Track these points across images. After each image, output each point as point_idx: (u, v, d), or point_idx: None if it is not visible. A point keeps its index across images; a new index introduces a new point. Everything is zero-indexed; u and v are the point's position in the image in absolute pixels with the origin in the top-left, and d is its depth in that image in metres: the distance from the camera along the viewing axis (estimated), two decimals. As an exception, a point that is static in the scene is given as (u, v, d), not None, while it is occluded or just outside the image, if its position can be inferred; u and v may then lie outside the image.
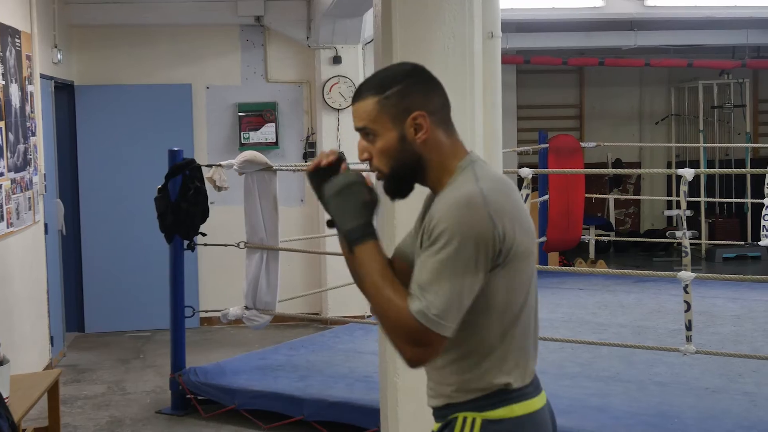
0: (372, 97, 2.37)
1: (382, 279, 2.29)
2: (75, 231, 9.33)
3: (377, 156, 2.39)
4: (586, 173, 10.76)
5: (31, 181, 7.24)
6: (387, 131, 2.36)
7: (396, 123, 2.35)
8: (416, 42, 4.67)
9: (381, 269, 2.30)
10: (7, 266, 6.55)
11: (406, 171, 2.39)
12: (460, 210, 2.25)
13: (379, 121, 2.36)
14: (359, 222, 2.34)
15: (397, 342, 2.26)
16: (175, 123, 9.42)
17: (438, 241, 2.23)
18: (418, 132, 2.36)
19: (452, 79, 4.73)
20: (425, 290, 2.23)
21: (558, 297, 9.35)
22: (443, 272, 2.22)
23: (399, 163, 2.38)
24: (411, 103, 2.36)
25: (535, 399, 2.43)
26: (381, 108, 2.35)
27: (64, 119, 9.21)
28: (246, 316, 6.96)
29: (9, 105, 6.65)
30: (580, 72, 14.25)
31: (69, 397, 7.07)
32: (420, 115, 2.35)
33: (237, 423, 6.40)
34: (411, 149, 2.36)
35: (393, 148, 2.36)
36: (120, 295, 9.37)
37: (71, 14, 9.16)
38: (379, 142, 2.37)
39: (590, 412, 5.71)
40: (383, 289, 2.28)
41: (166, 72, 9.52)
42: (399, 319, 2.24)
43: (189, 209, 6.72)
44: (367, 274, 2.31)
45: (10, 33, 6.76)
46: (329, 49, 9.36)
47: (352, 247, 2.34)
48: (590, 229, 12.03)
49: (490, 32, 5.01)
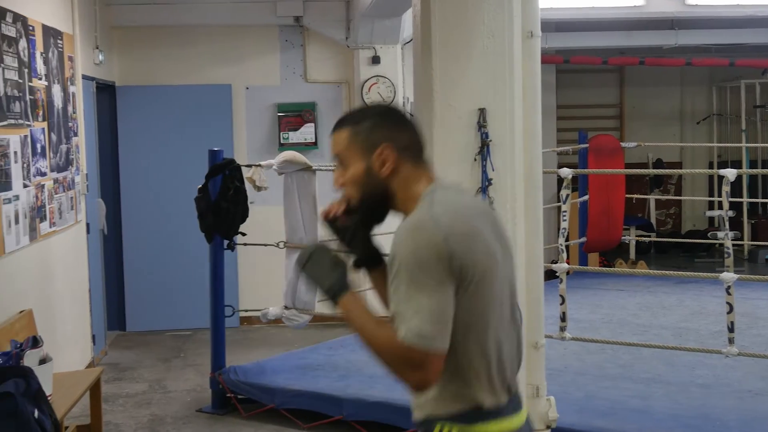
0: (346, 128, 2.54)
1: (366, 321, 2.41)
2: (116, 230, 9.40)
3: (348, 184, 2.54)
4: (627, 173, 10.66)
5: (74, 180, 7.31)
6: (356, 161, 2.51)
7: (364, 154, 2.50)
8: (455, 42, 4.66)
9: (363, 313, 2.43)
10: (50, 265, 6.61)
11: (374, 199, 2.53)
12: (408, 236, 2.36)
13: (350, 151, 2.52)
14: (332, 280, 2.49)
15: (399, 372, 2.37)
16: (215, 123, 9.46)
17: (397, 270, 2.34)
18: (383, 165, 2.48)
19: (491, 79, 4.73)
20: (403, 316, 2.32)
21: (598, 298, 9.30)
22: (411, 296, 2.31)
23: (366, 191, 2.52)
24: (378, 138, 2.49)
25: (512, 418, 2.50)
26: (353, 139, 2.52)
27: (106, 120, 9.28)
28: (285, 315, 6.99)
29: (51, 105, 6.71)
30: (620, 71, 14.14)
31: (110, 395, 7.13)
32: (386, 147, 2.48)
33: (277, 422, 6.42)
34: (377, 180, 2.50)
35: (360, 177, 2.51)
36: (161, 294, 9.44)
37: (112, 15, 9.23)
38: (349, 171, 2.53)
39: (631, 414, 5.67)
40: (374, 331, 2.38)
41: (206, 72, 9.57)
42: (391, 348, 2.34)
43: (229, 209, 6.75)
44: (357, 322, 2.43)
45: (52, 34, 6.82)
46: (368, 49, 9.36)
47: (334, 302, 2.48)
48: (631, 230, 11.95)
49: (529, 32, 4.98)
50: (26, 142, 6.03)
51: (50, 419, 4.72)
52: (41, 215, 6.32)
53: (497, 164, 4.68)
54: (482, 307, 2.40)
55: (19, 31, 5.97)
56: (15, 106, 5.83)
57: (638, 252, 12.35)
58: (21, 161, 5.90)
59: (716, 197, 12.66)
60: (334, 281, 2.48)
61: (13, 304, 5.68)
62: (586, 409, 5.73)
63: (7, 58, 5.69)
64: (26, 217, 5.97)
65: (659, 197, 13.60)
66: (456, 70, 4.67)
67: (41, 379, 4.83)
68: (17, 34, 5.94)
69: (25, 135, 6.02)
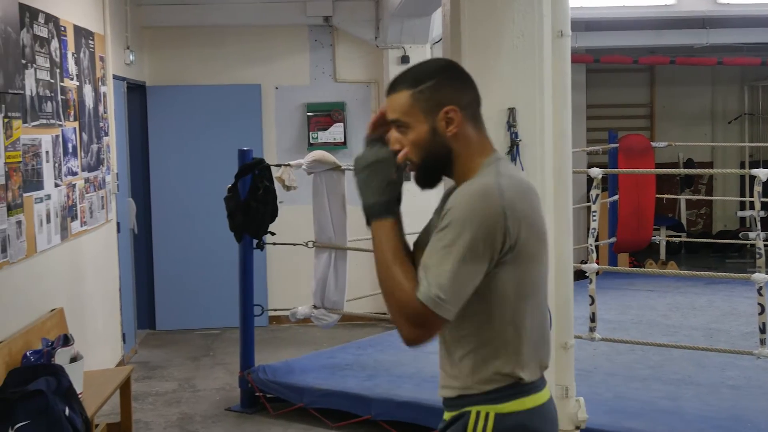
0: (406, 90, 2.44)
1: (393, 257, 2.37)
2: (146, 230, 9.46)
3: (409, 147, 2.45)
4: (657, 173, 10.60)
5: (104, 180, 7.35)
6: (419, 123, 2.43)
7: (428, 116, 2.42)
8: (485, 41, 4.65)
9: (394, 248, 2.39)
10: (81, 264, 6.65)
11: (436, 162, 2.46)
12: (473, 199, 2.32)
13: (412, 113, 2.43)
14: (381, 198, 2.42)
15: (399, 321, 2.34)
16: (245, 123, 9.50)
17: (448, 226, 2.30)
18: (449, 125, 2.42)
19: (521, 78, 4.71)
20: (430, 271, 2.30)
21: (628, 298, 9.26)
22: (448, 256, 2.29)
23: (429, 154, 2.44)
24: (443, 98, 2.42)
25: (542, 392, 2.49)
26: (414, 101, 2.43)
27: (136, 119, 9.34)
28: (314, 315, 7.00)
29: (83, 105, 6.76)
30: (650, 71, 14.07)
31: (140, 394, 7.17)
32: (452, 109, 2.42)
33: (305, 421, 6.43)
34: (441, 142, 2.43)
35: (424, 140, 2.43)
36: (190, 293, 9.48)
37: (143, 16, 9.29)
38: (411, 134, 2.44)
39: (661, 416, 5.64)
40: (393, 267, 2.36)
41: (236, 72, 9.61)
42: (403, 299, 2.31)
43: (258, 208, 6.77)
44: (380, 251, 2.40)
45: (84, 35, 6.87)
46: (397, 48, 9.36)
47: (369, 221, 2.43)
48: (661, 230, 11.88)
49: (559, 31, 4.96)
50: (58, 142, 6.08)
51: (81, 417, 4.76)
52: (72, 214, 6.36)
53: (527, 164, 4.67)
54: (525, 286, 2.40)
55: (51, 32, 6.01)
56: (47, 106, 5.87)
57: (668, 252, 12.27)
58: (53, 161, 5.94)
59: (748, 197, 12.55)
60: (378, 201, 2.42)
61: (44, 303, 5.73)
62: (615, 410, 5.70)
63: (39, 58, 5.73)
64: (57, 217, 6.01)
65: (690, 197, 13.51)
66: (486, 69, 4.66)
67: (72, 377, 4.87)
68: (49, 35, 5.98)
69: (56, 135, 6.06)
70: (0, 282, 4.93)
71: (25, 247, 5.32)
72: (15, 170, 5.19)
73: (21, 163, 5.31)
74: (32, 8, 5.64)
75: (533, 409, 2.44)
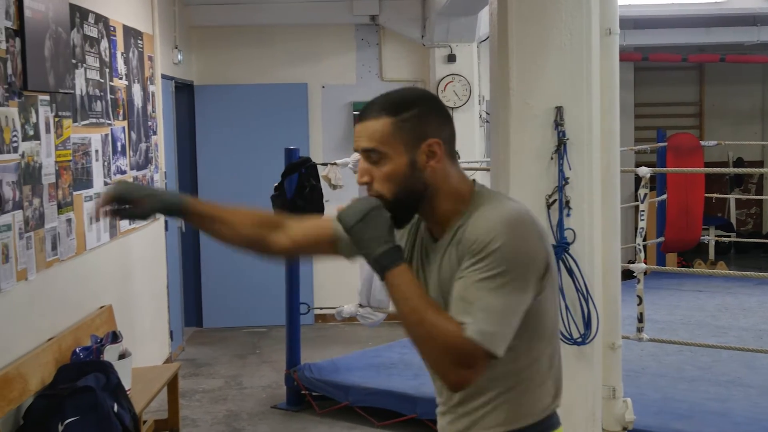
0: (386, 117, 2.23)
1: (422, 302, 2.15)
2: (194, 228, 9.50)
3: (381, 180, 2.24)
4: (706, 172, 10.49)
5: (152, 178, 7.42)
6: (397, 155, 2.22)
7: (408, 148, 2.22)
8: (532, 40, 4.63)
9: (419, 292, 2.17)
10: (129, 263, 6.72)
11: (410, 198, 2.25)
12: (511, 227, 2.14)
13: (391, 144, 2.22)
14: (387, 246, 2.19)
15: (443, 366, 2.14)
16: (292, 122, 9.53)
17: (489, 258, 2.12)
18: (430, 160, 2.23)
19: (569, 76, 4.68)
20: (474, 307, 2.11)
21: (677, 299, 9.17)
22: (495, 291, 2.11)
23: (404, 189, 2.23)
24: (427, 129, 2.23)
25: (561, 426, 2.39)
26: (396, 130, 2.22)
27: (184, 118, 9.41)
28: (360, 313, 7.01)
29: (132, 105, 6.82)
30: (700, 69, 13.92)
31: (187, 391, 7.22)
32: (435, 142, 2.23)
33: (351, 420, 6.44)
34: (419, 176, 2.23)
35: (401, 173, 2.22)
36: (237, 291, 9.53)
37: (191, 15, 9.36)
38: (387, 165, 2.22)
39: (710, 417, 5.58)
40: (426, 312, 2.13)
41: (283, 71, 9.65)
42: (449, 341, 2.10)
43: (305, 207, 6.78)
44: (405, 299, 2.16)
45: (132, 35, 6.93)
46: (444, 47, 9.34)
47: (384, 273, 2.19)
48: (710, 230, 11.76)
49: (607, 29, 4.92)
50: (107, 141, 6.14)
51: (129, 413, 4.81)
52: (121, 212, 6.41)
53: (574, 163, 4.63)
54: (550, 310, 2.27)
55: (100, 32, 6.08)
56: (96, 106, 5.93)
57: (718, 252, 12.14)
58: (102, 159, 6.01)
59: (799, 197, 12.41)
60: (387, 249, 2.18)
61: (93, 300, 5.79)
62: (663, 412, 5.65)
63: (89, 58, 5.79)
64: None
65: (739, 197, 13.35)
66: (533, 68, 4.64)
67: (120, 374, 4.92)
68: (99, 35, 6.04)
69: (106, 134, 6.13)
70: (50, 279, 5.00)
71: (75, 245, 5.39)
72: (65, 169, 5.25)
73: (71, 161, 5.37)
74: (82, 9, 5.70)
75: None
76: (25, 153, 4.64)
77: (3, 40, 4.42)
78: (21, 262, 4.54)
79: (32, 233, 4.70)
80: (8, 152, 4.43)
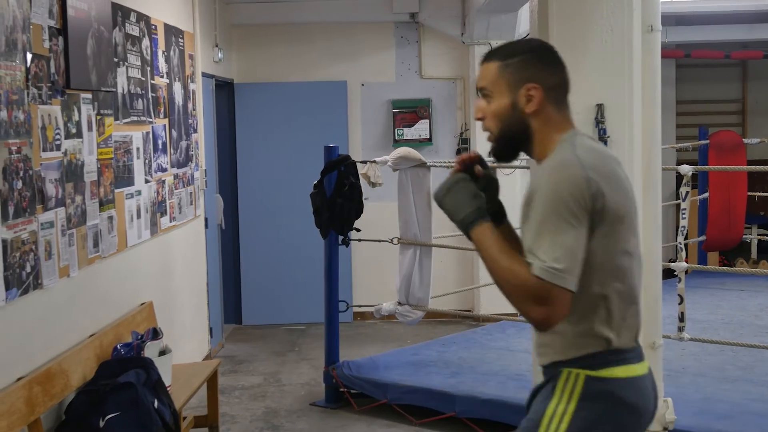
0: (496, 61, 2.56)
1: (498, 251, 2.41)
2: (233, 225, 9.57)
3: (490, 117, 2.57)
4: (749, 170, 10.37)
5: (193, 176, 7.46)
6: (501, 95, 2.54)
7: (510, 90, 2.52)
8: (573, 36, 4.60)
9: (496, 244, 2.44)
10: (170, 259, 6.76)
11: (512, 136, 2.56)
12: (553, 173, 2.40)
13: (497, 84, 2.54)
14: (470, 209, 2.50)
15: (523, 306, 2.36)
16: (331, 119, 9.55)
17: (536, 205, 2.38)
18: (528, 102, 2.51)
19: (610, 74, 4.65)
20: (536, 250, 2.35)
21: (718, 298, 9.08)
22: (546, 231, 2.34)
23: (507, 127, 2.55)
24: (528, 75, 2.51)
25: (636, 365, 2.52)
26: (500, 73, 2.54)
27: (224, 116, 9.46)
28: (399, 311, 7.00)
29: (173, 103, 6.86)
30: (743, 66, 13.76)
31: (227, 387, 7.25)
32: (533, 86, 2.51)
33: (389, 417, 6.44)
34: (519, 117, 2.53)
35: (503, 112, 2.54)
36: (276, 289, 9.57)
37: (231, 14, 9.40)
38: (493, 104, 2.55)
39: (752, 418, 5.52)
40: (501, 260, 2.40)
41: (322, 69, 9.67)
42: (519, 281, 2.35)
43: (344, 205, 6.79)
44: (485, 251, 2.44)
45: (174, 33, 6.97)
46: (484, 45, 9.30)
47: (467, 232, 2.50)
48: (752, 229, 11.62)
49: (649, 26, 4.88)
50: (148, 139, 6.18)
51: (169, 409, 4.83)
52: (162, 210, 6.47)
53: (615, 161, 4.60)
54: (617, 249, 2.45)
55: (142, 30, 6.12)
56: (138, 104, 5.97)
57: (760, 251, 11.99)
58: (143, 157, 6.05)
59: (844, 195, 12.23)
60: (469, 212, 2.50)
61: (134, 297, 5.83)
62: (704, 412, 5.60)
63: (130, 56, 5.84)
64: (147, 212, 6.11)
65: (783, 195, 13.18)
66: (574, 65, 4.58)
67: (161, 370, 4.95)
68: (141, 33, 6.09)
69: (147, 132, 6.17)
70: (92, 276, 5.04)
71: (116, 242, 5.43)
72: (107, 166, 5.30)
73: (113, 159, 5.41)
74: (124, 7, 5.75)
75: (624, 379, 2.47)
76: (67, 151, 4.68)
77: (46, 38, 4.46)
78: (63, 258, 4.59)
79: (74, 230, 4.74)
80: (51, 150, 4.48)
